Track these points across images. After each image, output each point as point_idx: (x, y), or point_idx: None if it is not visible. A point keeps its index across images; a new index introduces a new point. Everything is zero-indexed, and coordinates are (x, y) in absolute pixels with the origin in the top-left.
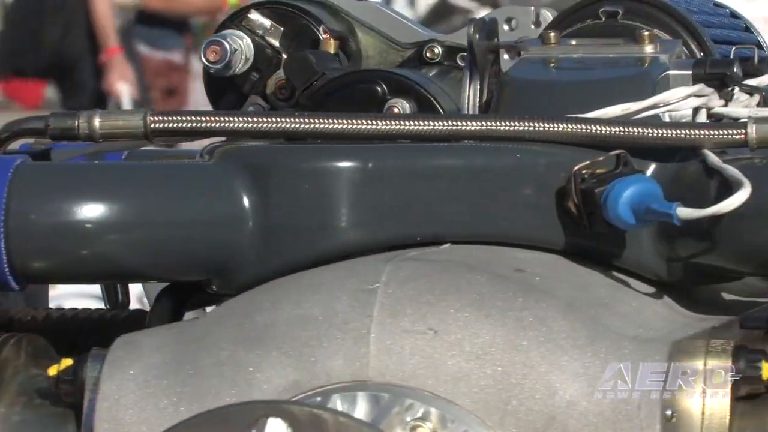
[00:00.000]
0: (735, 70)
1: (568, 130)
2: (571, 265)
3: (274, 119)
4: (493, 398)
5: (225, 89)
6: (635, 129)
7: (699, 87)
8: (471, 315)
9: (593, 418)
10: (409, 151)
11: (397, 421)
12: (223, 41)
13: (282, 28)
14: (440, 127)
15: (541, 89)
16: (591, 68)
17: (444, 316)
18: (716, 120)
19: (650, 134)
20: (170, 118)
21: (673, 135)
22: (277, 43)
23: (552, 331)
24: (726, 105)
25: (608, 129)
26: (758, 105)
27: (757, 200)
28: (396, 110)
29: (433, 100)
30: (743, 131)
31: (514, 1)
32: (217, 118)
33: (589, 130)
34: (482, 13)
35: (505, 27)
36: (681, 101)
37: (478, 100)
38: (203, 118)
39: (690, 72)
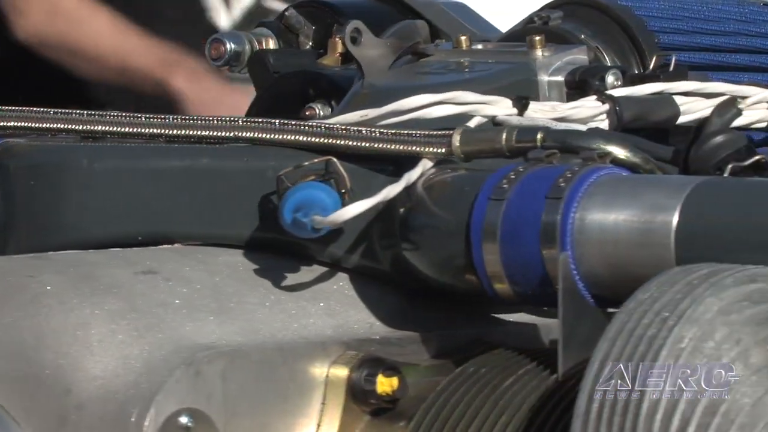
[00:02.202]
0: (611, 77)
1: (280, 137)
2: (250, 267)
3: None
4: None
5: None
6: (347, 137)
7: (453, 94)
8: None
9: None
10: (134, 151)
11: None
12: (224, 40)
13: (314, 27)
14: (165, 131)
15: (378, 95)
16: (455, 73)
17: None
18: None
19: (360, 144)
20: None
21: (385, 146)
22: (310, 43)
23: (89, 333)
24: (520, 114)
25: (317, 138)
26: (609, 114)
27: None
28: (311, 112)
29: None
30: (448, 142)
31: None
32: None
33: (297, 138)
34: None
35: None
36: (426, 108)
37: None
38: None
39: (562, 78)
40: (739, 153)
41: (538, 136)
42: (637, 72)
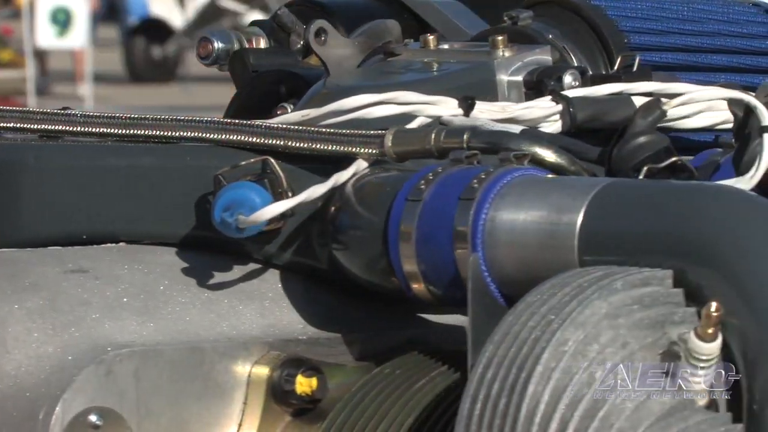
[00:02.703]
0: (569, 78)
1: (222, 136)
2: (188, 266)
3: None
4: None
5: None
6: (284, 137)
7: (394, 94)
8: None
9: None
10: (80, 150)
11: None
12: (212, 39)
13: (305, 27)
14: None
15: (338, 95)
16: (417, 72)
17: None
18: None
19: (297, 144)
20: None
21: (321, 146)
22: (302, 42)
23: (6, 331)
24: (466, 114)
25: (255, 137)
26: (562, 115)
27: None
28: (281, 111)
29: None
30: (381, 142)
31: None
32: None
33: (238, 137)
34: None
35: None
36: (367, 108)
37: None
38: None
39: (521, 78)
40: (658, 155)
41: (465, 136)
42: (604, 72)
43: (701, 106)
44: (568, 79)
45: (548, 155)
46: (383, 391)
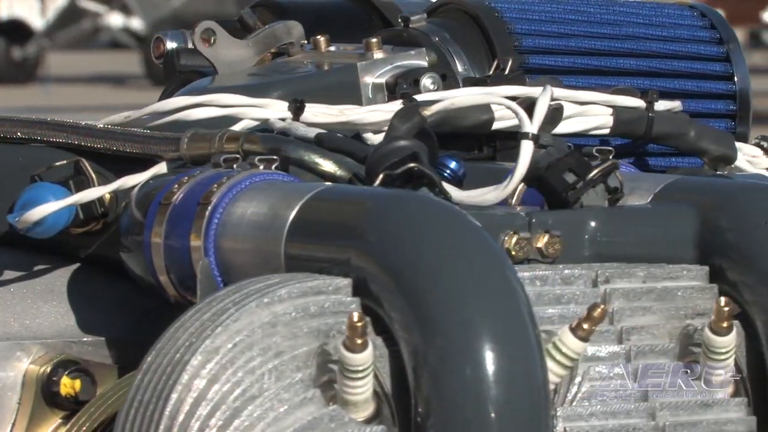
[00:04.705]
0: (427, 81)
1: (40, 136)
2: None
3: None
4: None
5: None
6: (95, 136)
7: (213, 97)
8: None
9: None
10: None
11: None
12: (164, 38)
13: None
14: None
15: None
16: (287, 74)
17: None
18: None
19: (106, 145)
20: None
21: (128, 147)
22: None
23: None
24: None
25: (66, 137)
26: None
27: None
28: None
29: None
30: (177, 145)
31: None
32: None
33: (56, 138)
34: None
35: None
36: (186, 110)
37: None
38: None
39: (383, 81)
40: (402, 161)
41: (240, 141)
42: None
43: (570, 111)
44: (426, 82)
45: (317, 161)
46: (119, 395)
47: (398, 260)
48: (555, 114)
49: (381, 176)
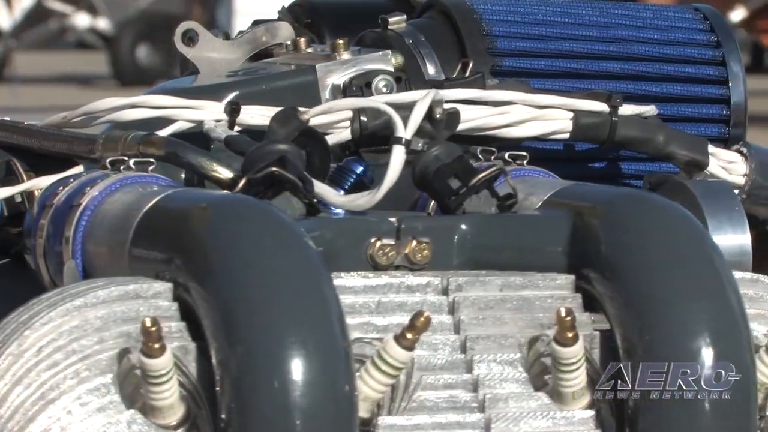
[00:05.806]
0: (380, 83)
1: None
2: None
3: None
4: None
5: None
6: (26, 135)
7: (145, 98)
8: None
9: None
10: None
11: None
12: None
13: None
14: None
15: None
16: (255, 74)
17: None
18: None
19: (37, 143)
20: None
21: (54, 146)
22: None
23: None
24: None
25: (11, 136)
26: (353, 122)
27: None
28: None
29: None
30: (93, 146)
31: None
32: None
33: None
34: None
35: None
36: (118, 111)
37: None
38: None
39: (341, 83)
40: (266, 166)
41: (137, 144)
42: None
43: (526, 115)
44: (379, 84)
45: (211, 167)
46: None
47: (206, 265)
48: (451, 118)
49: (243, 181)
